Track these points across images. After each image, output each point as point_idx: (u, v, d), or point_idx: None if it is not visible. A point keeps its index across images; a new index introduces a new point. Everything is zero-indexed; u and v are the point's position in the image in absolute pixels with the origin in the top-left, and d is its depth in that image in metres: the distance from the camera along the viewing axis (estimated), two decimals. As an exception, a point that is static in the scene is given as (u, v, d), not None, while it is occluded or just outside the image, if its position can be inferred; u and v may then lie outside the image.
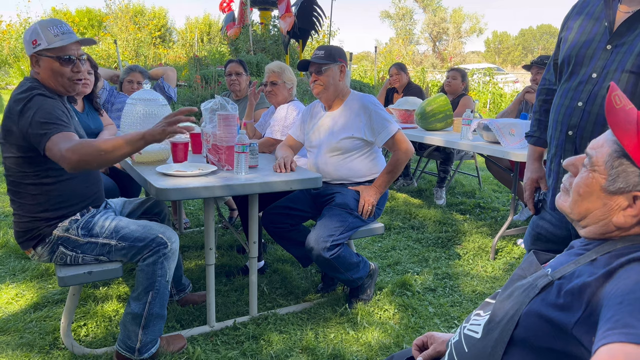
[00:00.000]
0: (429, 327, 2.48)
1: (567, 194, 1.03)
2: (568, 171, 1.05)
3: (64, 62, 1.92)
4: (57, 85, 1.95)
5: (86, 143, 1.77)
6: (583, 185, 0.98)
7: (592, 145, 0.98)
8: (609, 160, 0.93)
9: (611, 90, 0.96)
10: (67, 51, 1.92)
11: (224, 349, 2.22)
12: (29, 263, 3.05)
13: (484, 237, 3.80)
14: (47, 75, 1.93)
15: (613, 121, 0.93)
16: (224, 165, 2.34)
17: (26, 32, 1.93)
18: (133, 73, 3.63)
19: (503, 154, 3.26)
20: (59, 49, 1.90)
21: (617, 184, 0.92)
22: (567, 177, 1.05)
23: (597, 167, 0.95)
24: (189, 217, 4.13)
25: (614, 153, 0.93)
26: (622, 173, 0.91)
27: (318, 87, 2.60)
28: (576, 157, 1.03)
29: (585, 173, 0.98)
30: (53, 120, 1.81)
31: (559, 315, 0.88)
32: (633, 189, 0.91)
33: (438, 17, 45.56)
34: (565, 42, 1.67)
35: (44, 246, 1.99)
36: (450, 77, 4.98)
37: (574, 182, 1.01)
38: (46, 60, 1.91)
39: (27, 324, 2.37)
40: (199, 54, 12.15)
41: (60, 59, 1.91)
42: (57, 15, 17.03)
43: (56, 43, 1.89)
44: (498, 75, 16.67)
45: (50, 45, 1.89)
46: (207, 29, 21.23)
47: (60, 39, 1.90)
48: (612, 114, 0.93)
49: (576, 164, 1.02)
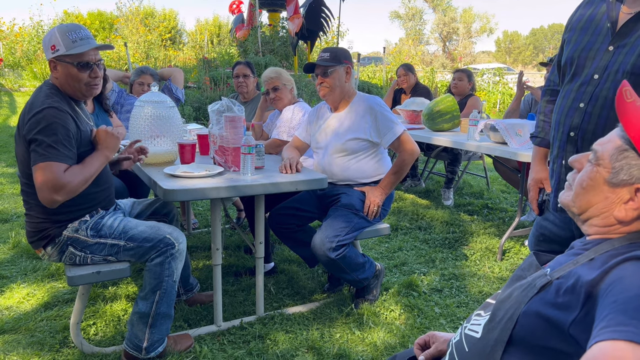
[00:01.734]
0: (434, 327, 2.49)
1: (570, 189, 1.05)
2: (571, 171, 1.06)
3: (81, 68, 1.93)
4: (74, 90, 1.98)
5: (71, 186, 1.84)
6: (587, 178, 0.99)
7: (599, 142, 1.00)
8: (615, 154, 0.95)
9: (623, 85, 0.97)
10: (85, 57, 1.93)
11: (230, 348, 2.24)
12: (40, 263, 3.10)
13: (492, 238, 3.79)
14: (64, 80, 1.95)
15: (622, 115, 0.94)
16: (231, 166, 2.37)
17: (45, 36, 1.95)
18: (144, 75, 3.67)
19: (510, 154, 3.25)
20: (77, 55, 1.91)
21: (620, 176, 0.94)
22: (571, 174, 1.06)
23: (602, 160, 0.96)
24: (197, 217, 4.17)
25: (620, 147, 0.95)
26: (625, 166, 0.93)
27: (324, 89, 2.61)
28: (582, 154, 1.04)
29: (589, 167, 0.99)
30: (55, 144, 1.82)
31: (557, 314, 0.89)
32: (636, 181, 0.92)
33: (448, 17, 45.39)
34: (568, 43, 1.68)
35: (54, 246, 2.02)
36: (457, 78, 4.97)
37: (578, 176, 1.02)
38: (64, 66, 1.93)
39: (38, 323, 2.42)
40: (209, 56, 12.22)
41: (78, 65, 1.92)
42: (69, 18, 17.21)
43: (74, 49, 1.90)
44: (508, 75, 16.58)
45: (69, 52, 1.90)
46: (217, 31, 21.36)
47: (78, 44, 1.91)
48: (622, 107, 0.95)
49: (581, 160, 1.03)
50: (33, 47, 13.89)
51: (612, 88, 1.52)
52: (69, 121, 1.89)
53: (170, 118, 2.48)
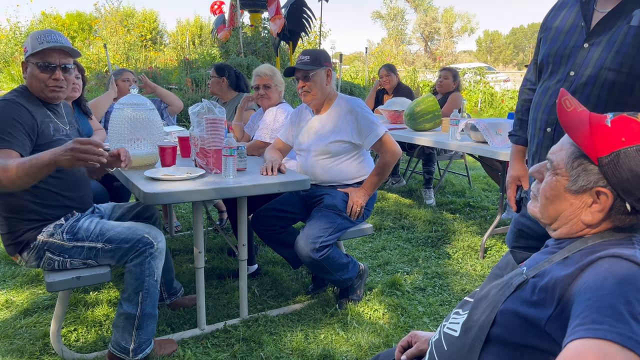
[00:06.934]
0: (418, 326, 2.51)
1: (536, 200, 1.07)
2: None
3: (42, 69, 1.94)
4: (38, 91, 1.99)
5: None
6: (548, 189, 1.02)
7: (552, 150, 1.03)
8: (569, 162, 0.97)
9: (561, 96, 1.00)
10: (47, 58, 1.94)
11: (214, 352, 2.23)
12: (19, 269, 3.04)
13: (474, 236, 3.83)
14: (30, 81, 1.98)
15: (566, 124, 0.98)
16: (212, 168, 2.36)
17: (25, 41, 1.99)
18: (125, 72, 3.73)
19: (491, 153, 3.29)
20: (39, 55, 1.93)
21: (579, 182, 0.96)
22: (534, 184, 1.09)
23: (559, 169, 0.99)
24: (180, 220, 4.13)
25: (572, 154, 0.97)
26: (582, 172, 0.95)
27: (306, 93, 2.61)
28: (539, 164, 1.07)
29: (549, 177, 1.02)
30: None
31: (533, 312, 0.90)
32: (594, 185, 0.94)
33: (429, 17, 45.77)
34: (545, 42, 1.71)
35: (30, 252, 1.99)
36: (442, 77, 5.03)
37: (540, 187, 1.05)
38: (30, 66, 1.96)
39: (17, 330, 2.38)
40: (190, 57, 12.13)
41: (40, 65, 1.94)
42: (47, 19, 16.93)
43: (37, 48, 1.91)
44: (489, 74, 16.77)
45: (33, 51, 1.92)
46: (199, 32, 21.20)
47: (43, 46, 1.92)
48: (564, 117, 0.98)
49: (541, 170, 1.06)
50: (10, 49, 13.62)
51: (588, 84, 1.56)
52: (21, 113, 1.89)
53: (150, 120, 2.45)
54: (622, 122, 0.92)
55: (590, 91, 1.55)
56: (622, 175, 0.90)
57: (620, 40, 1.50)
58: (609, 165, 0.91)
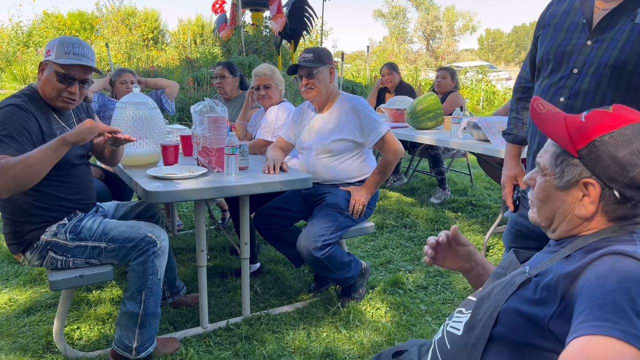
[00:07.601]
0: (420, 324, 2.51)
1: (533, 206, 1.09)
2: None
3: (61, 79, 1.95)
4: (48, 96, 1.99)
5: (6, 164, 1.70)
6: (540, 191, 1.04)
7: (538, 155, 1.06)
8: (552, 161, 1.00)
9: (533, 100, 1.04)
10: (69, 70, 1.95)
11: (217, 350, 2.24)
12: (22, 268, 3.05)
13: (476, 235, 3.83)
14: (43, 84, 1.98)
15: (542, 125, 1.02)
16: (215, 167, 2.36)
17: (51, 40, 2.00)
18: (124, 74, 3.70)
19: (492, 151, 3.29)
20: (62, 65, 1.93)
21: (565, 177, 0.98)
22: (530, 192, 1.11)
23: (546, 170, 1.02)
24: (182, 219, 4.14)
25: (555, 153, 1.00)
26: (566, 167, 0.98)
27: (310, 91, 2.61)
28: (532, 171, 1.09)
29: (539, 180, 1.05)
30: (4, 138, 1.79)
31: (536, 311, 0.90)
32: (579, 177, 0.96)
33: (431, 16, 45.68)
34: (543, 39, 1.69)
35: (33, 251, 2.00)
36: (440, 76, 5.02)
37: (534, 191, 1.07)
38: (49, 71, 1.96)
39: (20, 328, 2.38)
40: (192, 56, 12.13)
41: (59, 75, 1.94)
42: (49, 18, 16.92)
43: (61, 60, 1.92)
44: (491, 72, 16.75)
45: (57, 60, 1.92)
46: (200, 31, 21.20)
47: (68, 57, 1.93)
48: (538, 118, 1.03)
49: (533, 177, 1.08)
50: (12, 48, 13.63)
51: (592, 82, 1.54)
52: (29, 121, 1.89)
53: (152, 119, 2.46)
54: (595, 115, 0.96)
55: (596, 89, 1.54)
56: (603, 163, 0.92)
57: (624, 37, 1.49)
58: (589, 155, 0.94)
